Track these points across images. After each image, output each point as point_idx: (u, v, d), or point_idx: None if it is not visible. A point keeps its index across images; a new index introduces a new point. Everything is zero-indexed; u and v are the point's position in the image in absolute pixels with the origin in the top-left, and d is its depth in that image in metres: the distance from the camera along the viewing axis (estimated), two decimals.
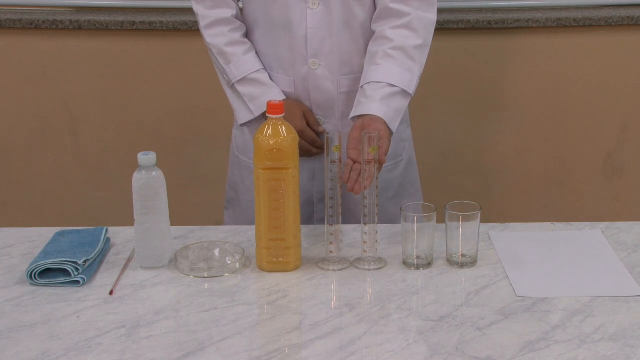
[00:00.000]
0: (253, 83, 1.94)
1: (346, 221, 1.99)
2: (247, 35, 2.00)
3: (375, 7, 1.91)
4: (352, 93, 1.94)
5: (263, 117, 1.94)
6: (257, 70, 1.94)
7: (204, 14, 1.94)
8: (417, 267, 1.66)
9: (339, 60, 1.93)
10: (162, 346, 1.39)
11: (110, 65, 2.91)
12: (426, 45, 1.89)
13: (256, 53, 1.97)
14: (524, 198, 3.02)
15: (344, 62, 1.94)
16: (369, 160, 1.62)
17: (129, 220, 1.71)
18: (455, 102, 2.92)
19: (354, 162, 1.68)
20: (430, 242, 1.65)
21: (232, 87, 1.97)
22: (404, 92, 1.84)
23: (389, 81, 1.82)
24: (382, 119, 1.78)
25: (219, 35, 1.93)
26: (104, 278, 1.63)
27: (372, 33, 1.91)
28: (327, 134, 1.60)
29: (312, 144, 1.96)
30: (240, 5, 1.98)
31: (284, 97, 1.94)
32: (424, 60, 1.89)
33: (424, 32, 1.87)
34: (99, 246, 1.70)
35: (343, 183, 1.66)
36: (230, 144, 2.11)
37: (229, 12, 1.93)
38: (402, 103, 1.85)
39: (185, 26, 2.82)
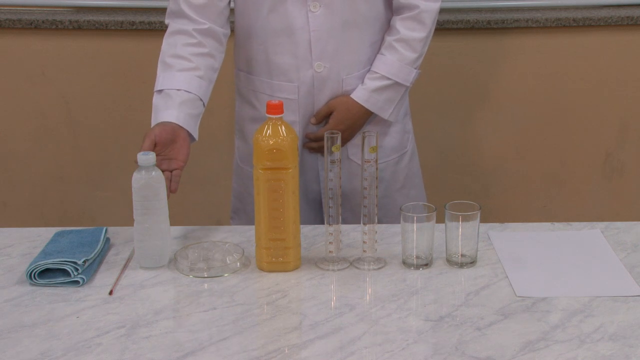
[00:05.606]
0: (165, 97, 1.84)
1: (346, 221, 1.99)
2: (243, 46, 1.97)
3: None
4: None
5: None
6: (177, 89, 1.83)
7: (169, 23, 1.93)
8: (417, 267, 1.66)
9: (344, 59, 1.94)
10: (162, 346, 1.39)
11: (110, 65, 2.90)
12: (429, 36, 1.98)
13: (200, 77, 1.87)
14: (523, 198, 3.02)
15: (349, 60, 1.95)
16: (368, 160, 1.62)
17: (128, 220, 1.71)
18: (455, 102, 2.92)
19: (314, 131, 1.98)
20: (429, 242, 1.65)
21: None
22: (398, 84, 1.97)
23: (386, 74, 1.95)
24: (358, 102, 1.95)
25: (170, 45, 1.90)
26: (103, 278, 1.63)
27: (379, 26, 1.97)
28: (327, 134, 1.61)
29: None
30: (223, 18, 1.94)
31: (177, 121, 1.80)
32: (426, 49, 2.00)
33: (430, 24, 1.96)
34: (99, 246, 1.70)
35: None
36: (230, 148, 2.11)
37: (190, 25, 1.89)
38: (395, 94, 1.98)
39: None
